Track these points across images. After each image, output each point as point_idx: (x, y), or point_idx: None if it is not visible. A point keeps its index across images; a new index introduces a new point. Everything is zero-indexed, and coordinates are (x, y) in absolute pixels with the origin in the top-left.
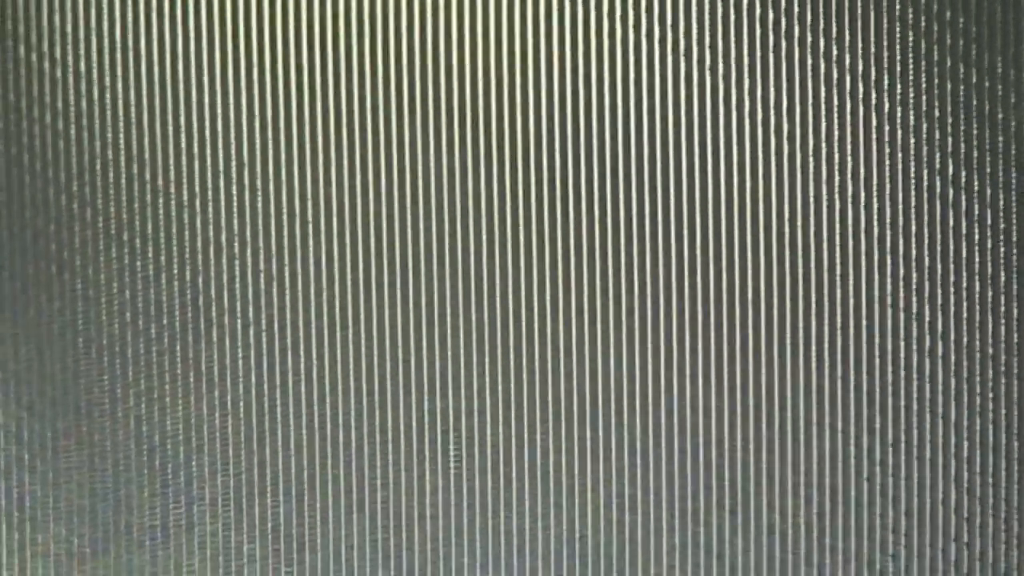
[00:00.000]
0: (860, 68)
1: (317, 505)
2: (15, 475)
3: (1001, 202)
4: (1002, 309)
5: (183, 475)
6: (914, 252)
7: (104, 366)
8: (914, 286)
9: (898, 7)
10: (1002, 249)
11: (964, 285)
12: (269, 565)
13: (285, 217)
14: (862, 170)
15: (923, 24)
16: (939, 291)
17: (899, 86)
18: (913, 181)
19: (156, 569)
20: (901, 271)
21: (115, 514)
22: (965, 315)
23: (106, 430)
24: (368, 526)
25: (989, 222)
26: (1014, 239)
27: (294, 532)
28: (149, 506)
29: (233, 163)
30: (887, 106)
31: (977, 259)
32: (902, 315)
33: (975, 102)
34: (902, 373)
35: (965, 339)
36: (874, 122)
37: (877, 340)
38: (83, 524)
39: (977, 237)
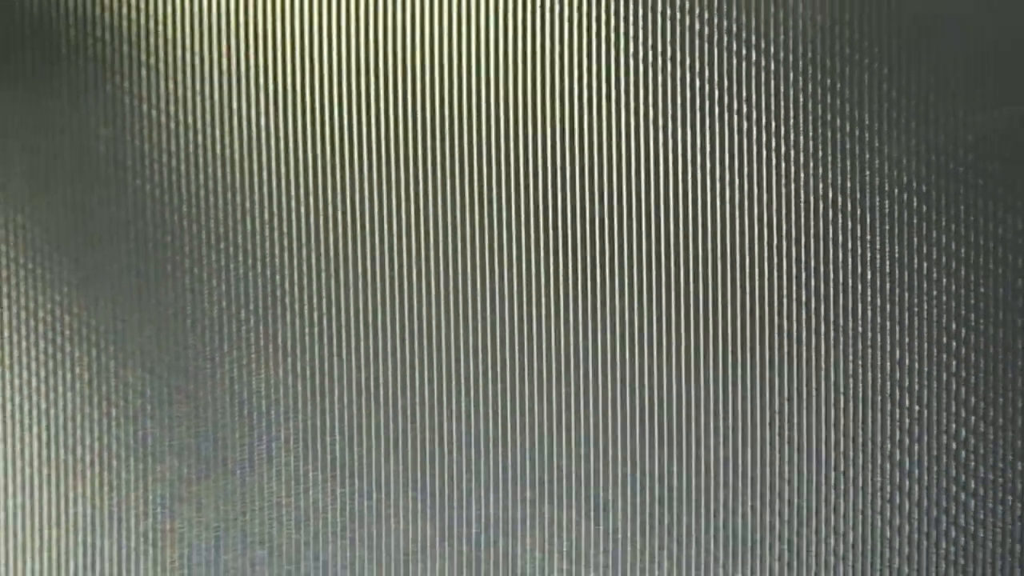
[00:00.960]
0: (765, 121)
1: (364, 444)
2: (140, 420)
3: (868, 221)
4: (869, 300)
5: (264, 421)
6: (803, 258)
7: (206, 341)
8: (803, 284)
9: (792, 78)
10: (869, 255)
11: (842, 282)
12: (328, 487)
13: (339, 230)
14: (773, 199)
15: (811, 89)
16: (823, 287)
17: (793, 135)
18: (803, 205)
19: (244, 491)
20: (795, 272)
21: (214, 450)
22: (844, 304)
23: (207, 388)
24: (403, 459)
25: (860, 235)
26: (879, 247)
27: (347, 462)
28: (239, 444)
29: (298, 196)
30: (784, 149)
31: (851, 263)
32: (794, 305)
33: (848, 146)
34: (796, 350)
35: (842, 323)
36: (774, 161)
37: (780, 325)
38: (190, 458)
39: (851, 246)
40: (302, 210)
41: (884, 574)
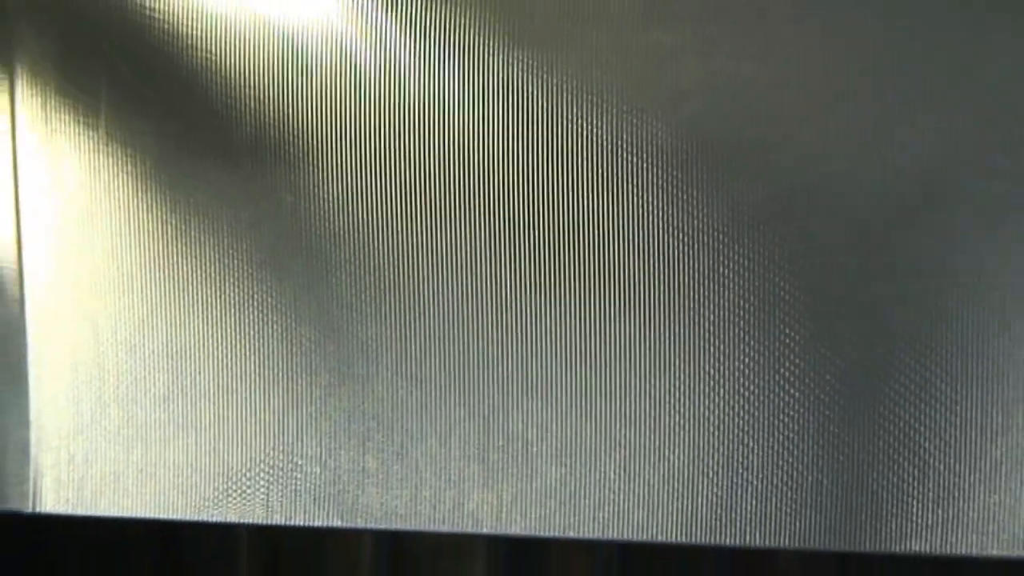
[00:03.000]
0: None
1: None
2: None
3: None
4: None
5: (375, 344)
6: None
7: (356, 306)
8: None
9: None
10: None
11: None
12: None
13: (410, 240)
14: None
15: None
16: (696, 288)
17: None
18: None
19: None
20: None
21: (340, 365)
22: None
23: (351, 331)
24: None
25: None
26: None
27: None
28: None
29: (398, 210)
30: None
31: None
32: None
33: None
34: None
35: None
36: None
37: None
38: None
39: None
40: (405, 220)
41: None
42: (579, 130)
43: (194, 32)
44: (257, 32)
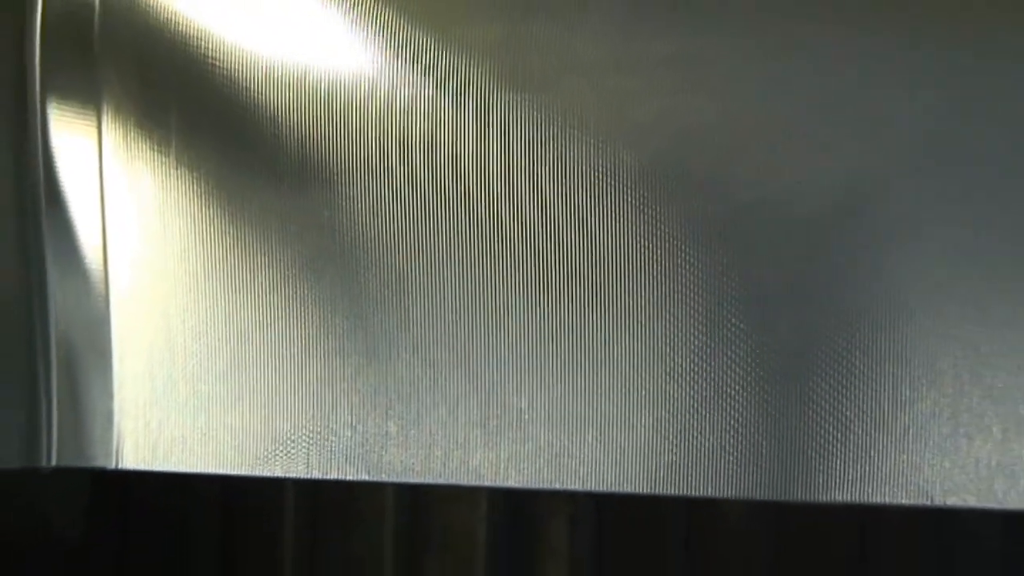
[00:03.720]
0: None
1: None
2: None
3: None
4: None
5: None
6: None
7: (380, 301)
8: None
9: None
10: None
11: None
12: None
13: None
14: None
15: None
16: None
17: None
18: None
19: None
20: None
21: (367, 349)
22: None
23: (377, 322)
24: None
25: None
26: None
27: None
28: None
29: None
30: None
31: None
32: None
33: None
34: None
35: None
36: None
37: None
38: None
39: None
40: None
41: None
42: (562, 156)
43: (247, 76)
44: (299, 76)
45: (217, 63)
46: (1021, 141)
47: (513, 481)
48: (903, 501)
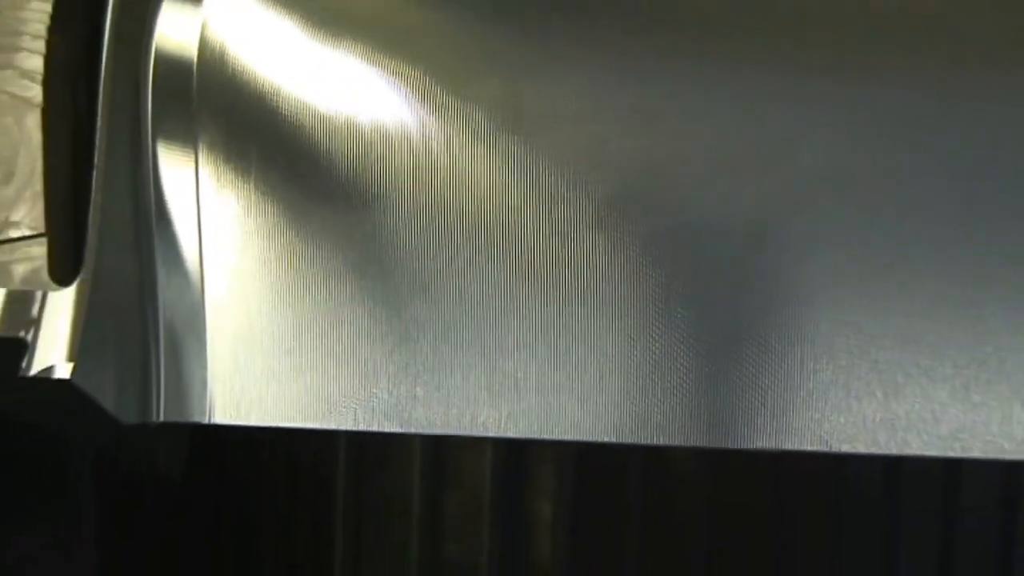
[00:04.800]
0: None
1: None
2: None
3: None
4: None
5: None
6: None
7: (410, 296)
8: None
9: None
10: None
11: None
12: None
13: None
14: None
15: None
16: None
17: None
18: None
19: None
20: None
21: (401, 333)
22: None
23: (408, 312)
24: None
25: None
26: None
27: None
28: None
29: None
30: None
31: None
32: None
33: None
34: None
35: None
36: None
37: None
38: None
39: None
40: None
41: None
42: (549, 185)
43: (309, 124)
44: (349, 123)
45: (286, 113)
46: (903, 166)
47: (511, 433)
48: (809, 447)
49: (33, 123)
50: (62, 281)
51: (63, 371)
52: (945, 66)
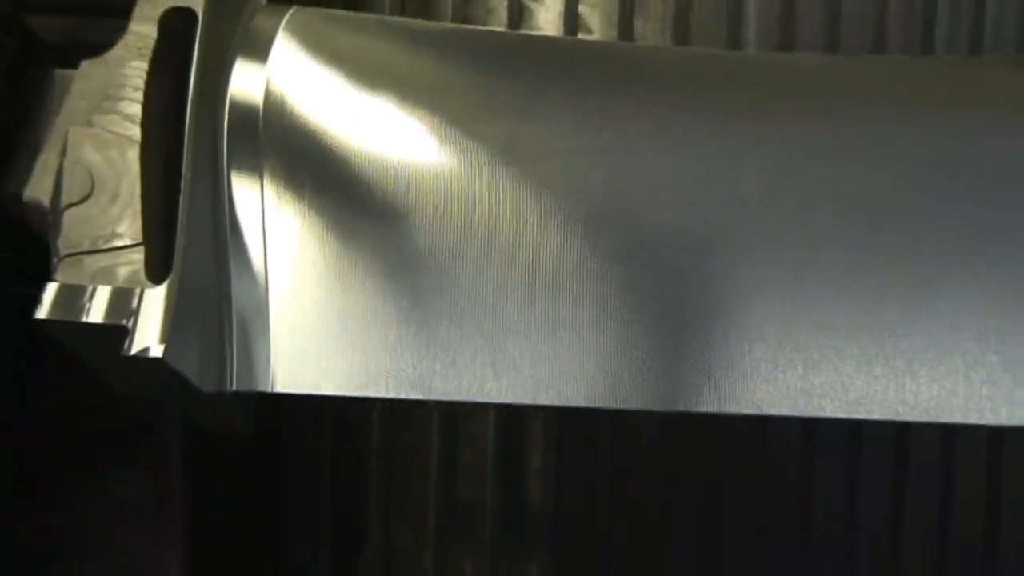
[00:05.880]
0: None
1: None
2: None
3: None
4: None
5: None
6: None
7: (438, 294)
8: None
9: None
10: None
11: None
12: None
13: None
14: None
15: None
16: None
17: None
18: None
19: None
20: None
21: (430, 322)
22: None
23: (439, 306)
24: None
25: None
26: None
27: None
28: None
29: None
30: None
31: None
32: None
33: None
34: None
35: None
36: None
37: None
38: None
39: None
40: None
41: None
42: (541, 204)
43: (352, 156)
44: (381, 154)
45: (334, 148)
46: (816, 191)
47: (509, 400)
48: (745, 411)
49: (133, 156)
50: (155, 280)
51: (156, 351)
52: (843, 110)
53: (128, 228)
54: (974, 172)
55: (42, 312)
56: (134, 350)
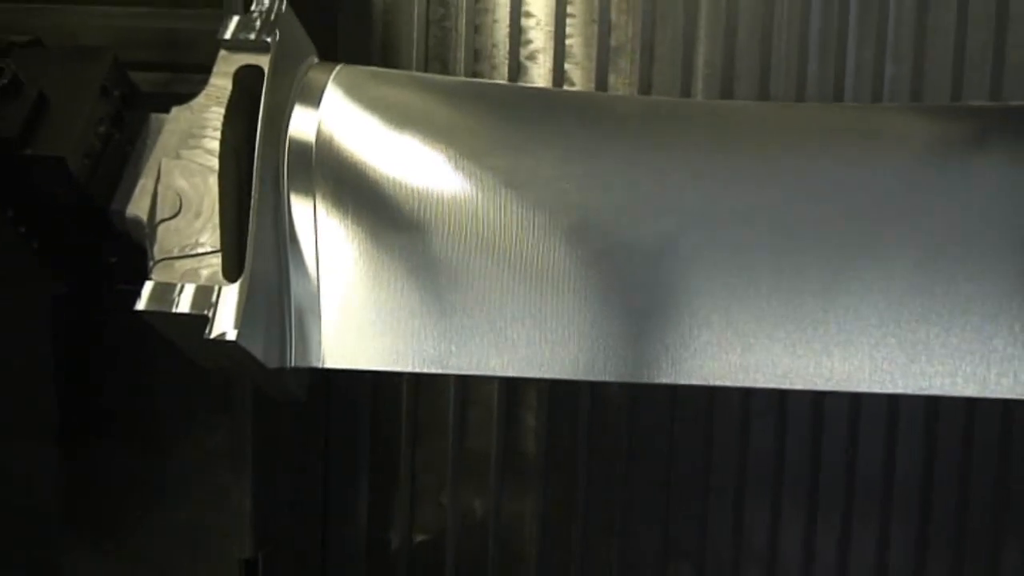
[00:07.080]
0: None
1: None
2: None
3: None
4: None
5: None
6: None
7: (455, 289)
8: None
9: None
10: None
11: None
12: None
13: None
14: None
15: None
16: None
17: None
18: None
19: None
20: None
21: (450, 313)
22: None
23: (454, 301)
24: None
25: None
26: None
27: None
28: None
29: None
30: None
31: None
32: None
33: None
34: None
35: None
36: None
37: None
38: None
39: None
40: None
41: None
42: (535, 216)
43: (384, 182)
44: (407, 180)
45: (371, 176)
46: (756, 206)
47: (509, 373)
48: (695, 383)
49: (213, 182)
50: (230, 279)
51: (231, 335)
52: (770, 143)
53: (209, 238)
54: (869, 191)
55: (141, 304)
56: (213, 334)
